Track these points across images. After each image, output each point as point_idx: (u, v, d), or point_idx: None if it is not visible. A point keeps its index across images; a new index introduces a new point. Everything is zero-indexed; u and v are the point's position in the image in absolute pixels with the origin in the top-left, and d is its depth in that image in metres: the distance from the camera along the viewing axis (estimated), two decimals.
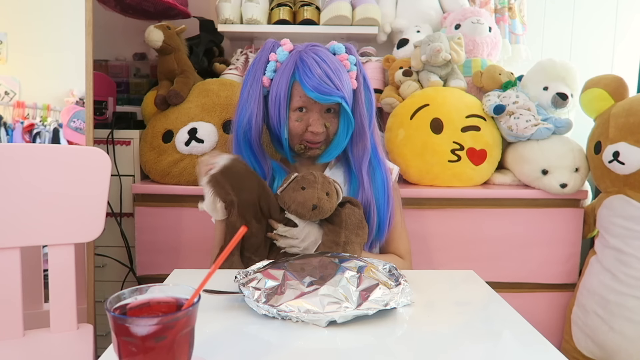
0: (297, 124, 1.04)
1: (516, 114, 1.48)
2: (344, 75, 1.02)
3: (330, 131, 1.05)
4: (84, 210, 1.09)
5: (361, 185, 1.08)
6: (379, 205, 1.09)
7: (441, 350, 0.61)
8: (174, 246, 1.49)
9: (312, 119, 1.03)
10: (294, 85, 1.01)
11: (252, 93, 1.04)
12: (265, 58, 1.04)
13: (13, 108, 1.32)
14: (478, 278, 0.90)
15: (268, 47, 1.05)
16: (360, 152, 1.09)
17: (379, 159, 1.12)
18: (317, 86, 0.97)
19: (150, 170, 1.52)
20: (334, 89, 0.98)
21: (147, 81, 1.88)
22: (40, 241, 1.08)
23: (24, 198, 1.05)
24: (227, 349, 0.61)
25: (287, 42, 1.05)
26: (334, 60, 1.02)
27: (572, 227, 1.49)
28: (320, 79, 0.97)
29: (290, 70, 1.00)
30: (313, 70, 0.98)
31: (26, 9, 1.35)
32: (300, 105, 1.02)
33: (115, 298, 0.50)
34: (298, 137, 1.05)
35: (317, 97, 0.98)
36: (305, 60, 0.99)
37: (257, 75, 1.04)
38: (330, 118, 1.05)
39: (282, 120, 1.03)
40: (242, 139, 1.06)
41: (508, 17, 1.88)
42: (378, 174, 1.10)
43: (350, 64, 1.06)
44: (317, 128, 1.02)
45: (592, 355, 1.41)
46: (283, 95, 1.01)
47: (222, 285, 0.81)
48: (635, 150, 1.31)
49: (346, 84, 1.02)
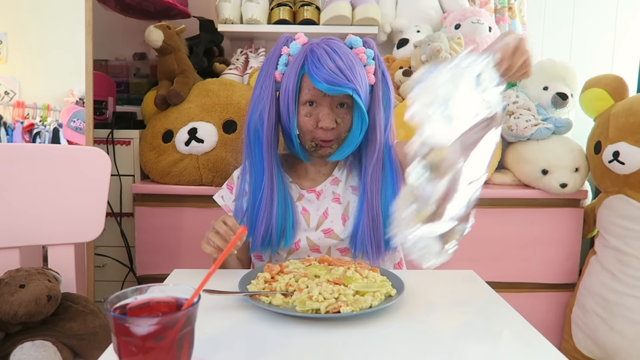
0: (307, 120, 0.97)
1: (516, 113, 1.48)
2: (358, 68, 0.94)
3: (342, 128, 0.98)
4: (84, 210, 1.09)
5: (365, 192, 1.00)
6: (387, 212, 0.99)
7: (441, 350, 0.61)
8: (174, 246, 1.49)
9: (322, 113, 0.95)
10: (303, 78, 0.95)
11: (264, 88, 0.99)
12: (278, 52, 0.99)
13: (13, 108, 1.32)
14: (478, 278, 0.89)
15: (282, 41, 1.00)
16: (371, 152, 1.00)
17: (393, 164, 1.02)
18: (326, 77, 0.90)
19: (150, 170, 1.52)
20: (344, 80, 0.91)
21: (147, 81, 1.88)
22: (40, 241, 1.08)
23: (24, 198, 1.05)
24: (227, 349, 0.61)
25: (302, 35, 1.00)
26: (348, 52, 0.95)
27: (572, 227, 1.49)
28: (330, 70, 0.91)
29: (300, 62, 0.95)
30: (322, 61, 0.91)
31: (26, 9, 1.35)
32: (309, 98, 0.96)
33: (115, 298, 0.50)
34: (309, 134, 0.98)
35: (325, 88, 0.91)
36: (315, 52, 0.93)
37: (270, 70, 0.99)
38: (342, 114, 0.97)
39: (291, 114, 0.96)
40: (253, 137, 1.00)
41: (508, 17, 1.88)
42: (389, 180, 1.01)
43: (368, 57, 0.98)
44: (327, 123, 0.95)
45: (592, 355, 1.41)
46: (292, 88, 0.95)
47: (222, 285, 0.81)
48: (635, 150, 1.31)
49: (360, 77, 0.94)
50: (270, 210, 0.98)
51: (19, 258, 1.04)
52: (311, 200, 1.04)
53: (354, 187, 1.05)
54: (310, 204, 1.04)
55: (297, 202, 1.04)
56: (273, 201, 0.99)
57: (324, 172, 1.07)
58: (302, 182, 1.06)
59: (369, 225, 0.99)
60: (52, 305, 0.93)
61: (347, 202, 1.04)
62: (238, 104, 1.50)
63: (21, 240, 1.05)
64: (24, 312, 0.89)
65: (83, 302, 1.02)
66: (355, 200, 1.04)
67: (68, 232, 1.08)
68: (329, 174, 1.07)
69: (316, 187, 1.05)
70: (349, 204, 1.04)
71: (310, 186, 1.06)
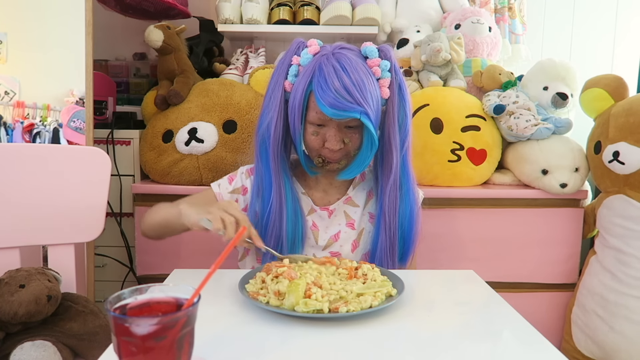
0: (314, 138, 0.94)
1: (516, 113, 1.48)
2: (369, 86, 0.89)
3: (351, 147, 0.95)
4: (84, 210, 1.09)
5: (382, 212, 0.97)
6: (403, 233, 0.99)
7: (441, 350, 0.61)
8: (174, 246, 1.49)
9: (329, 134, 0.92)
10: (310, 96, 0.91)
11: (273, 98, 0.95)
12: (288, 60, 0.95)
13: (13, 108, 1.32)
14: (478, 278, 0.89)
15: (293, 48, 0.96)
16: (386, 172, 0.96)
17: (410, 184, 0.99)
18: (333, 102, 0.86)
19: (150, 170, 1.52)
20: (352, 104, 0.86)
21: (147, 81, 1.88)
22: (40, 241, 1.08)
23: (24, 198, 1.05)
24: (227, 349, 0.61)
25: (314, 43, 0.95)
26: (359, 68, 0.89)
27: (572, 227, 1.49)
28: (336, 92, 0.85)
29: (308, 78, 0.90)
30: (330, 82, 0.86)
31: (26, 9, 1.35)
32: (315, 121, 0.92)
33: (115, 298, 0.50)
34: (315, 152, 0.96)
35: (331, 113, 0.87)
36: (323, 69, 0.88)
37: (280, 80, 0.95)
38: (350, 133, 0.93)
39: (297, 131, 0.93)
40: (261, 146, 0.97)
41: (508, 17, 1.88)
42: (406, 201, 0.99)
43: (383, 70, 0.92)
44: (334, 145, 0.92)
45: (592, 355, 1.41)
46: (298, 105, 0.91)
47: (222, 285, 0.81)
48: (635, 150, 1.31)
49: (370, 96, 0.88)
50: (279, 222, 0.96)
51: (19, 258, 1.04)
52: (322, 217, 1.02)
53: (371, 214, 1.03)
54: (321, 220, 1.02)
55: (308, 215, 1.02)
56: (282, 213, 0.96)
57: (336, 184, 1.05)
58: (313, 194, 1.04)
59: (386, 245, 0.98)
60: (52, 305, 0.93)
61: (362, 229, 1.03)
62: (238, 104, 1.50)
63: (21, 240, 1.05)
64: (24, 312, 0.89)
65: (83, 302, 1.02)
66: (370, 229, 1.02)
67: (68, 232, 1.08)
68: (341, 187, 1.05)
69: (329, 206, 1.03)
70: (364, 231, 1.02)
71: (321, 199, 1.04)
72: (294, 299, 0.68)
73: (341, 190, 1.05)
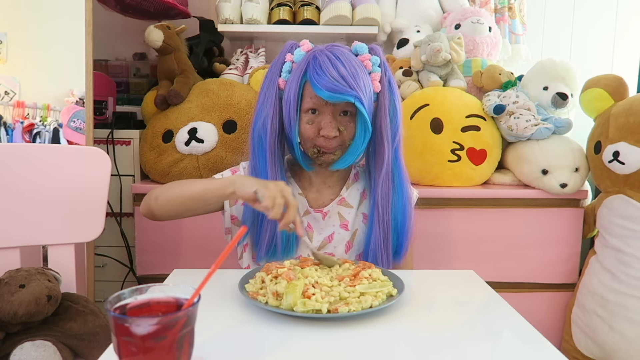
0: (309, 127, 0.95)
1: (516, 113, 1.48)
2: (362, 75, 0.92)
3: (346, 136, 0.96)
4: (84, 210, 1.09)
5: (375, 205, 0.98)
6: (397, 226, 1.00)
7: (441, 350, 0.61)
8: (174, 246, 1.49)
9: (324, 121, 0.94)
10: (305, 85, 0.94)
11: (268, 96, 0.97)
12: (282, 59, 0.98)
13: (13, 108, 1.33)
14: (478, 278, 0.89)
15: (286, 48, 0.99)
16: (379, 164, 0.98)
17: (402, 177, 1.01)
18: (328, 85, 0.88)
19: (150, 170, 1.52)
20: (346, 88, 0.89)
21: (147, 81, 1.88)
22: (40, 241, 1.08)
23: (24, 198, 1.05)
24: (227, 349, 0.61)
25: (306, 42, 0.98)
26: (352, 59, 0.93)
27: (572, 227, 1.49)
28: (331, 77, 0.89)
29: (302, 69, 0.93)
30: (325, 68, 0.90)
31: (26, 9, 1.35)
32: (311, 106, 0.94)
33: (115, 298, 0.50)
34: (310, 142, 0.97)
35: (327, 96, 0.89)
36: (317, 59, 0.92)
37: (274, 78, 0.98)
38: (345, 122, 0.95)
39: (293, 121, 0.95)
40: (257, 144, 0.99)
41: (508, 17, 1.88)
42: (399, 193, 1.00)
43: (373, 64, 0.96)
44: (329, 132, 0.93)
45: (592, 355, 1.41)
46: (293, 95, 0.93)
47: (223, 285, 0.81)
48: (635, 150, 1.31)
49: (364, 85, 0.92)
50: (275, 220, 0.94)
51: (19, 258, 1.04)
52: (317, 219, 1.03)
53: (364, 215, 1.04)
54: (316, 222, 1.03)
55: (303, 217, 1.02)
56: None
57: (330, 184, 1.05)
58: (308, 195, 1.05)
59: (380, 239, 0.98)
60: (52, 305, 0.93)
61: (356, 229, 1.03)
62: (238, 104, 1.50)
63: (21, 240, 1.05)
64: (24, 312, 0.89)
65: (83, 302, 1.02)
66: (364, 229, 1.03)
67: (68, 232, 1.08)
68: (335, 187, 1.05)
69: (323, 208, 1.03)
70: (357, 232, 1.03)
71: (315, 199, 1.04)
72: (291, 300, 0.68)
73: (335, 190, 1.05)
